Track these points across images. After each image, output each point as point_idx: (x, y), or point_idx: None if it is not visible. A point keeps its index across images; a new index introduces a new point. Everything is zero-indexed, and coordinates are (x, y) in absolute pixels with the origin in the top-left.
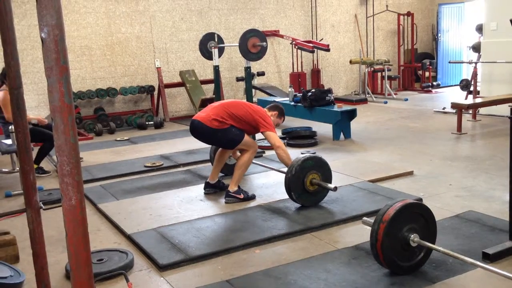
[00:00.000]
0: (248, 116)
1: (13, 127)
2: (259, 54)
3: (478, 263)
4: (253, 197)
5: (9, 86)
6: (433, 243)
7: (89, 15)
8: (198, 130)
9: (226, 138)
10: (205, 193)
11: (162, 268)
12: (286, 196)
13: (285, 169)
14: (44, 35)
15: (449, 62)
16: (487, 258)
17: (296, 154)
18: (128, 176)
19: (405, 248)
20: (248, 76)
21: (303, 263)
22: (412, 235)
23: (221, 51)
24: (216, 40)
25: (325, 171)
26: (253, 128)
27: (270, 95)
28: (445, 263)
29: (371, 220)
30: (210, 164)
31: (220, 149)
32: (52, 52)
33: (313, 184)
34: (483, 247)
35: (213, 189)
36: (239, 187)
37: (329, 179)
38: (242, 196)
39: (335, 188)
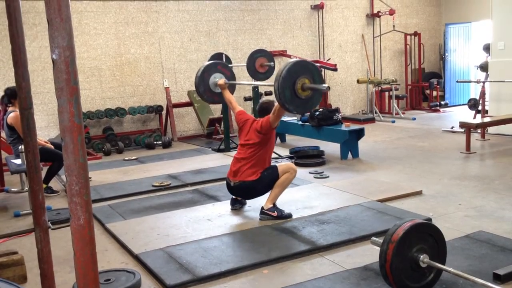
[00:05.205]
0: (263, 139)
1: (22, 147)
2: (267, 74)
3: (489, 284)
4: (288, 216)
5: (19, 106)
6: (443, 263)
7: (99, 36)
8: (242, 190)
9: (267, 183)
10: (232, 209)
11: None
12: (294, 216)
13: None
14: (55, 56)
15: (457, 81)
16: (498, 279)
17: (304, 173)
18: (136, 195)
19: (415, 269)
20: (256, 96)
21: (312, 283)
22: (422, 256)
23: None
24: (224, 60)
25: (314, 75)
26: (270, 138)
27: None
28: (455, 284)
29: (380, 240)
30: (218, 183)
31: None
32: (63, 73)
33: (305, 90)
34: (493, 268)
35: (240, 205)
36: (274, 205)
37: (320, 82)
38: (276, 214)
39: (328, 88)
